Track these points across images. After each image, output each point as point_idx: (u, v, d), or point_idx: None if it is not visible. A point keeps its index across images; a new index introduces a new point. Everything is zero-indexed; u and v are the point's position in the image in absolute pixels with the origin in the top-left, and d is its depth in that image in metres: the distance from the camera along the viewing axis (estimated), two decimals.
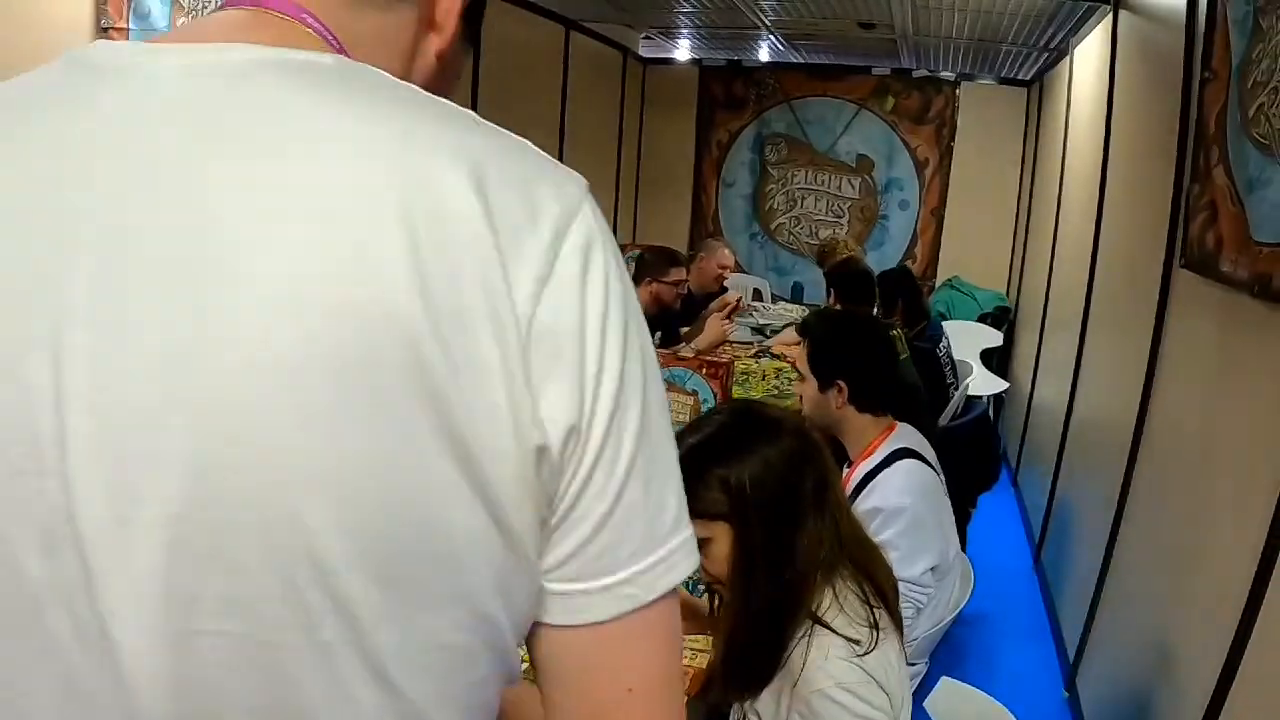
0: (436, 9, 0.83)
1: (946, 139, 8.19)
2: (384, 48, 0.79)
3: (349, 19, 0.76)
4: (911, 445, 2.69)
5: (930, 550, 2.55)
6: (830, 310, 3.07)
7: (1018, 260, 7.79)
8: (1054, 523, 4.90)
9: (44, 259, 0.62)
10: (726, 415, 1.83)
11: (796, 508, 1.68)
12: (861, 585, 1.72)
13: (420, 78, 0.83)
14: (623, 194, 8.86)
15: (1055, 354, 5.59)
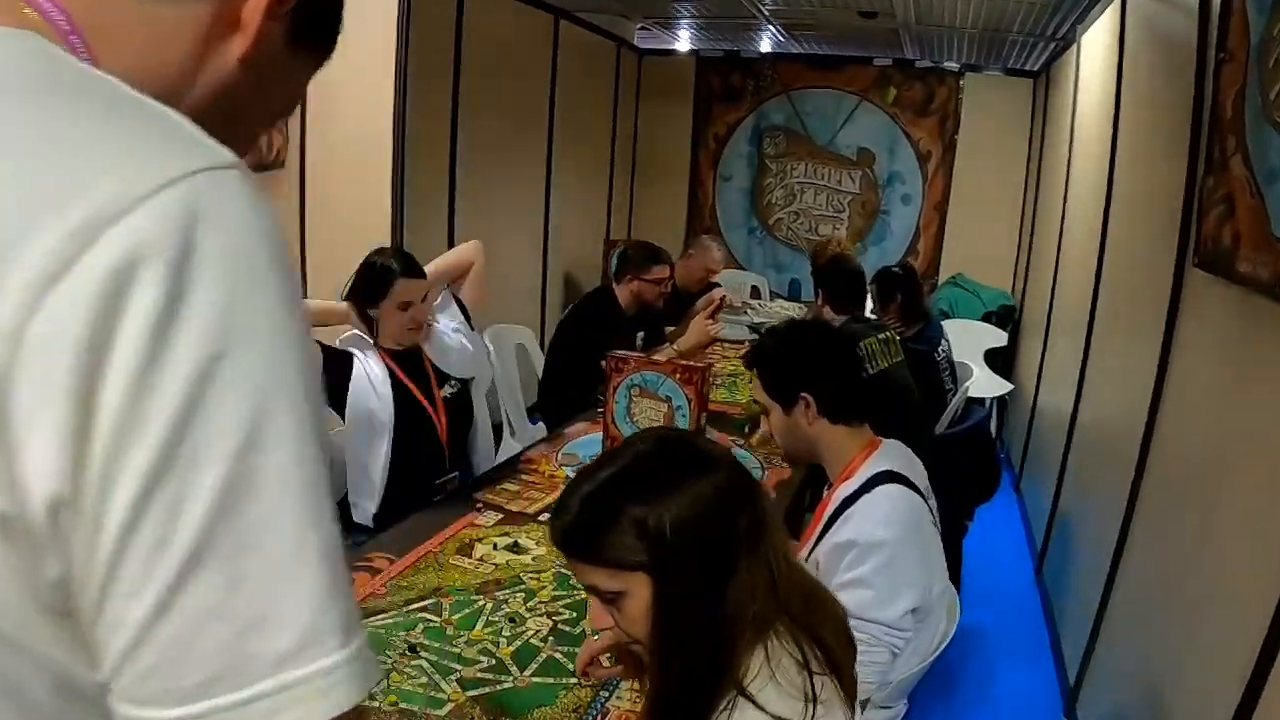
0: (243, 5, 0.77)
1: (950, 131, 8.01)
2: (153, 42, 0.74)
3: (110, 4, 0.71)
4: (896, 467, 2.45)
5: (911, 589, 2.29)
6: (772, 327, 2.82)
7: (1023, 257, 7.65)
8: (1057, 533, 4.74)
9: None
10: (647, 444, 1.56)
11: (727, 554, 1.43)
12: (801, 646, 1.46)
13: (211, 83, 0.78)
14: (617, 189, 8.75)
15: (1060, 356, 5.47)
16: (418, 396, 3.35)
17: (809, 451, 2.55)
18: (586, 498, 1.46)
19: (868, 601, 2.23)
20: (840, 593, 2.24)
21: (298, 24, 0.83)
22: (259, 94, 0.84)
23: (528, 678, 2.25)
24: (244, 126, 0.87)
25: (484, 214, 6.30)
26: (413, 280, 3.25)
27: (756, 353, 2.69)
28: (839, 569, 2.29)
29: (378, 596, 2.61)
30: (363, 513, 3.34)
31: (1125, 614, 3.28)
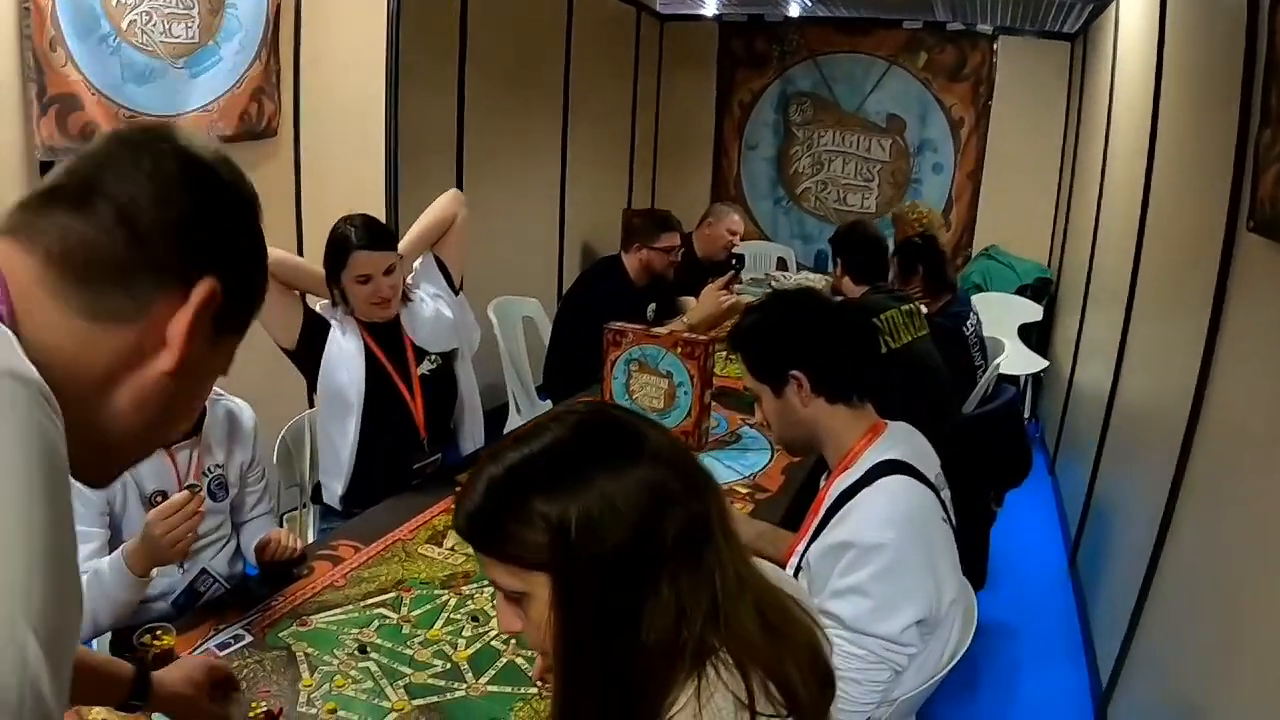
0: (166, 328, 0.89)
1: (984, 97, 7.67)
2: (76, 353, 0.85)
3: (46, 302, 0.84)
4: (903, 455, 2.15)
5: (915, 600, 2.00)
6: (752, 303, 2.53)
7: (1060, 229, 7.37)
8: (1093, 520, 4.49)
9: None
10: (568, 424, 1.26)
11: (646, 566, 1.16)
12: (749, 682, 1.16)
13: (137, 394, 0.89)
14: (639, 159, 8.51)
15: (1098, 331, 5.22)
16: (391, 374, 3.10)
17: (808, 438, 2.27)
18: (491, 483, 1.22)
19: (865, 612, 1.95)
20: (834, 601, 1.97)
21: (220, 324, 0.94)
22: (185, 391, 0.94)
23: (483, 685, 2.02)
24: (178, 413, 0.98)
25: (494, 183, 6.09)
26: (371, 252, 2.96)
27: (736, 332, 2.39)
28: (833, 573, 2.00)
29: (335, 589, 2.40)
30: (330, 493, 3.13)
31: (1165, 611, 3.04)
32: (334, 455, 3.10)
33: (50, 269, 0.85)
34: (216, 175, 0.95)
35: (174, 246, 0.89)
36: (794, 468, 3.22)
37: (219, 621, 2.21)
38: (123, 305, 0.87)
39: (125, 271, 0.87)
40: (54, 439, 0.72)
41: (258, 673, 2.01)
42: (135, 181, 0.89)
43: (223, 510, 2.58)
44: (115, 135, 0.94)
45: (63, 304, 0.84)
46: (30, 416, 0.70)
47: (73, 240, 0.86)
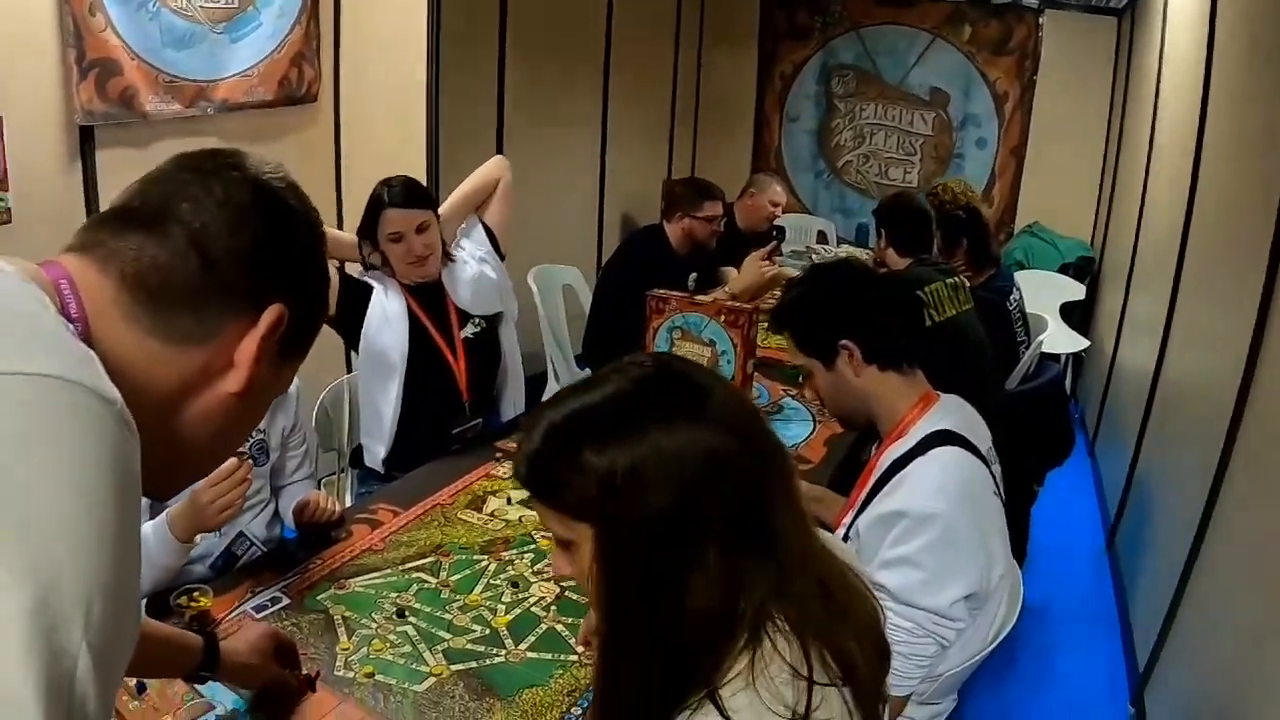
0: (234, 351, 0.92)
1: (1029, 72, 7.52)
2: (147, 371, 0.87)
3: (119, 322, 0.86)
4: (955, 426, 2.12)
5: (966, 573, 1.97)
6: (793, 279, 2.49)
7: (1104, 206, 7.24)
8: (1133, 502, 4.43)
9: None
10: (631, 376, 1.23)
11: (691, 533, 1.13)
12: (806, 650, 1.14)
13: (203, 412, 0.92)
14: (679, 131, 8.39)
15: (1143, 311, 5.14)
16: (434, 337, 3.09)
17: (861, 407, 2.24)
18: (549, 428, 1.20)
19: (914, 584, 1.92)
20: (883, 571, 1.94)
21: (286, 345, 0.97)
22: (249, 410, 0.98)
23: (522, 651, 2.01)
24: (236, 433, 1.01)
25: (534, 153, 6.04)
26: (401, 210, 2.95)
27: (781, 310, 2.36)
28: (884, 543, 1.97)
29: (374, 552, 2.40)
30: (373, 456, 3.12)
31: (1206, 596, 2.98)
32: (376, 417, 3.09)
33: (124, 290, 0.87)
34: (285, 203, 0.97)
35: (245, 273, 0.91)
36: (836, 440, 3.20)
37: (256, 584, 2.22)
38: (194, 328, 0.89)
39: (197, 296, 0.89)
40: (131, 458, 0.73)
41: (295, 635, 2.01)
42: (208, 208, 0.91)
43: (262, 474, 2.59)
44: (185, 161, 0.96)
45: (135, 324, 0.87)
46: (111, 435, 0.71)
47: (146, 263, 0.87)
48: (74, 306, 0.84)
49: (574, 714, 1.81)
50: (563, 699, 1.85)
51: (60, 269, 0.86)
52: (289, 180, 0.99)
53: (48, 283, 0.84)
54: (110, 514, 0.68)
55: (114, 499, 0.69)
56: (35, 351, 0.71)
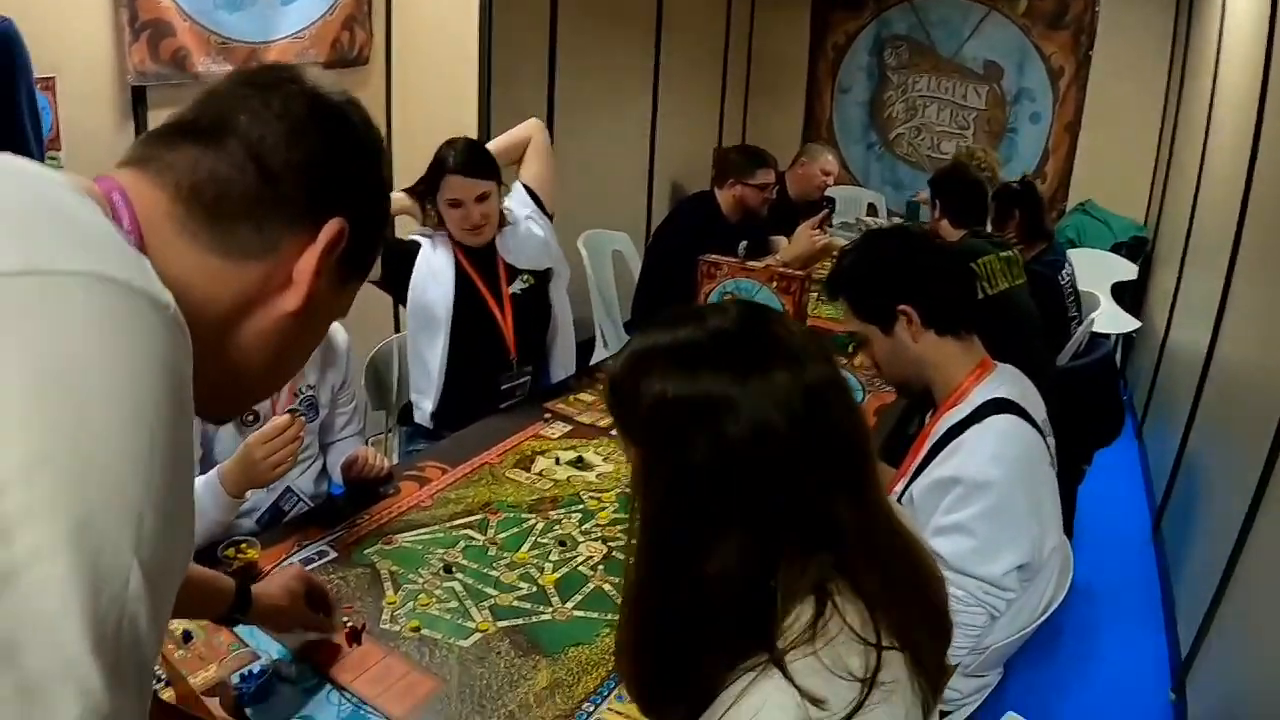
0: (293, 267, 0.90)
1: (1085, 47, 7.37)
2: (203, 287, 0.85)
3: (173, 236, 0.84)
4: (1012, 395, 2.10)
5: (1019, 543, 1.95)
6: (846, 246, 2.46)
7: (1159, 185, 7.11)
8: (1180, 487, 4.36)
9: None
10: (732, 316, 1.22)
11: (720, 499, 1.13)
12: (873, 616, 1.13)
13: (260, 330, 0.90)
14: (730, 101, 8.33)
15: (1196, 293, 5.04)
16: (482, 291, 3.09)
17: (918, 374, 2.22)
18: (631, 353, 1.24)
19: (967, 552, 1.91)
20: (936, 538, 1.93)
21: (345, 267, 0.95)
22: (307, 331, 0.96)
23: (569, 610, 2.02)
24: (296, 354, 1.00)
25: (586, 117, 6.04)
26: (464, 178, 2.95)
27: (836, 276, 2.32)
28: (938, 510, 1.96)
29: (422, 509, 2.41)
30: (421, 411, 3.15)
31: (1254, 584, 2.94)
32: (425, 372, 3.11)
33: (179, 203, 0.85)
34: (346, 117, 0.95)
35: (304, 186, 0.89)
36: (886, 409, 3.18)
37: (303, 538, 2.24)
38: (251, 242, 0.87)
39: (255, 209, 0.87)
40: (182, 365, 0.71)
41: (341, 589, 2.03)
42: (265, 121, 0.88)
43: (311, 430, 2.60)
44: (242, 76, 0.94)
45: (190, 238, 0.85)
46: (161, 338, 0.69)
47: (203, 175, 0.86)
48: (126, 219, 0.82)
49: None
50: (608, 657, 1.85)
51: (112, 182, 0.84)
52: (349, 96, 0.97)
53: (100, 195, 0.82)
54: (160, 421, 0.66)
55: (165, 404, 0.67)
56: (81, 250, 0.69)
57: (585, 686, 1.77)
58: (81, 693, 0.57)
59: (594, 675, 1.81)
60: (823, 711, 1.06)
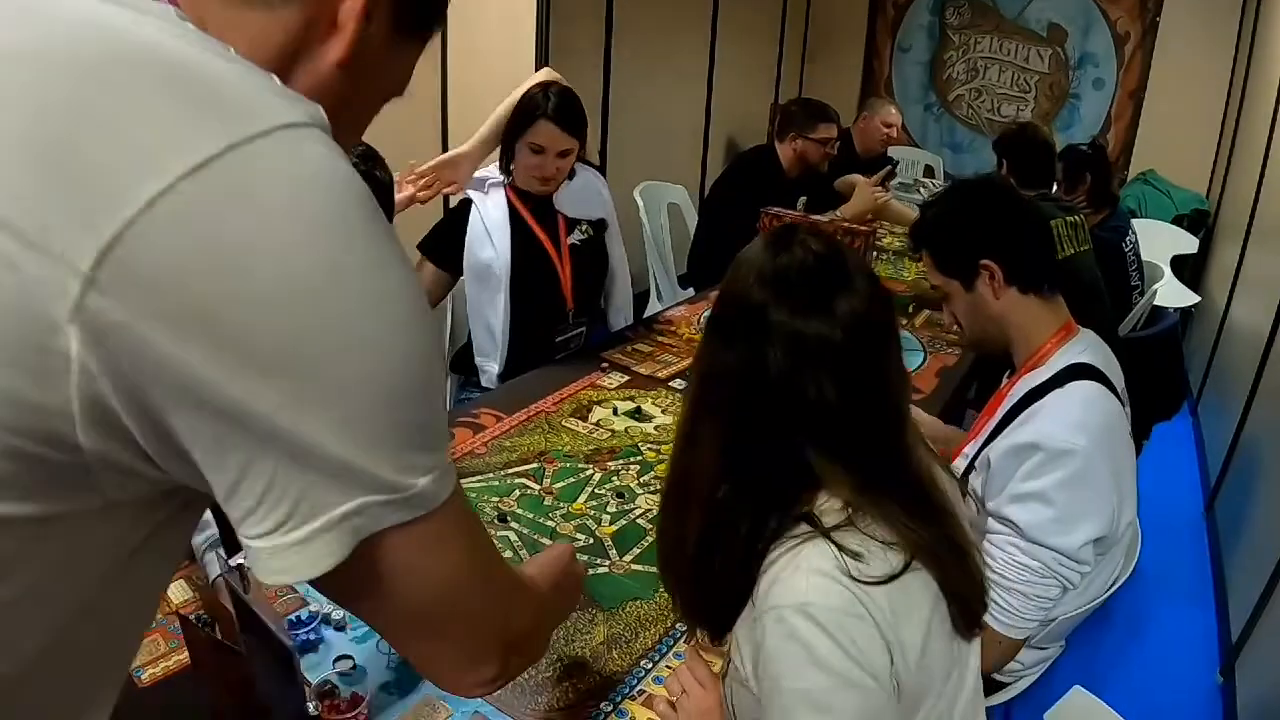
0: (338, 8, 0.78)
1: (1152, 12, 7.20)
2: (248, 40, 0.74)
3: (219, 11, 0.75)
4: (1095, 361, 2.03)
5: (1098, 515, 1.89)
6: (933, 196, 2.40)
7: (1223, 158, 6.95)
8: (1236, 467, 4.28)
9: None
10: (812, 249, 1.33)
11: (781, 402, 1.25)
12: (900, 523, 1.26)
13: (307, 86, 0.79)
14: (788, 56, 8.24)
15: (1260, 269, 4.95)
16: (542, 240, 3.03)
17: (999, 333, 2.15)
18: (744, 265, 1.36)
19: (1045, 521, 1.85)
20: (1012, 506, 1.88)
21: (400, 15, 0.83)
22: (361, 90, 0.85)
23: (626, 564, 1.99)
24: (346, 123, 0.82)
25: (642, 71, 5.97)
26: (556, 128, 2.85)
27: (920, 227, 2.26)
28: (1015, 475, 1.90)
29: (476, 456, 2.38)
30: (488, 375, 3.07)
31: None
32: (488, 334, 3.03)
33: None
34: None
35: None
36: (948, 371, 3.13)
37: None
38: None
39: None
40: (359, 184, 0.66)
41: None
42: None
43: None
44: None
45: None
46: (340, 171, 0.65)
47: None
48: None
49: (679, 630, 1.78)
50: (668, 613, 1.82)
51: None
52: None
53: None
54: (396, 272, 0.67)
55: (396, 257, 0.67)
56: (242, 106, 0.63)
57: (644, 642, 1.75)
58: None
59: (652, 631, 1.78)
60: (860, 564, 1.19)
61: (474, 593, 0.80)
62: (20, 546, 0.64)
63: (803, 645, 1.18)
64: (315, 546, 0.65)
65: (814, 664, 1.18)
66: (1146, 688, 3.31)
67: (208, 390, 0.60)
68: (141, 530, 0.71)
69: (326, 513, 0.65)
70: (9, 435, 0.59)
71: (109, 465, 0.63)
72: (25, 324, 0.57)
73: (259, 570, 0.67)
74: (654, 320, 3.41)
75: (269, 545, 0.65)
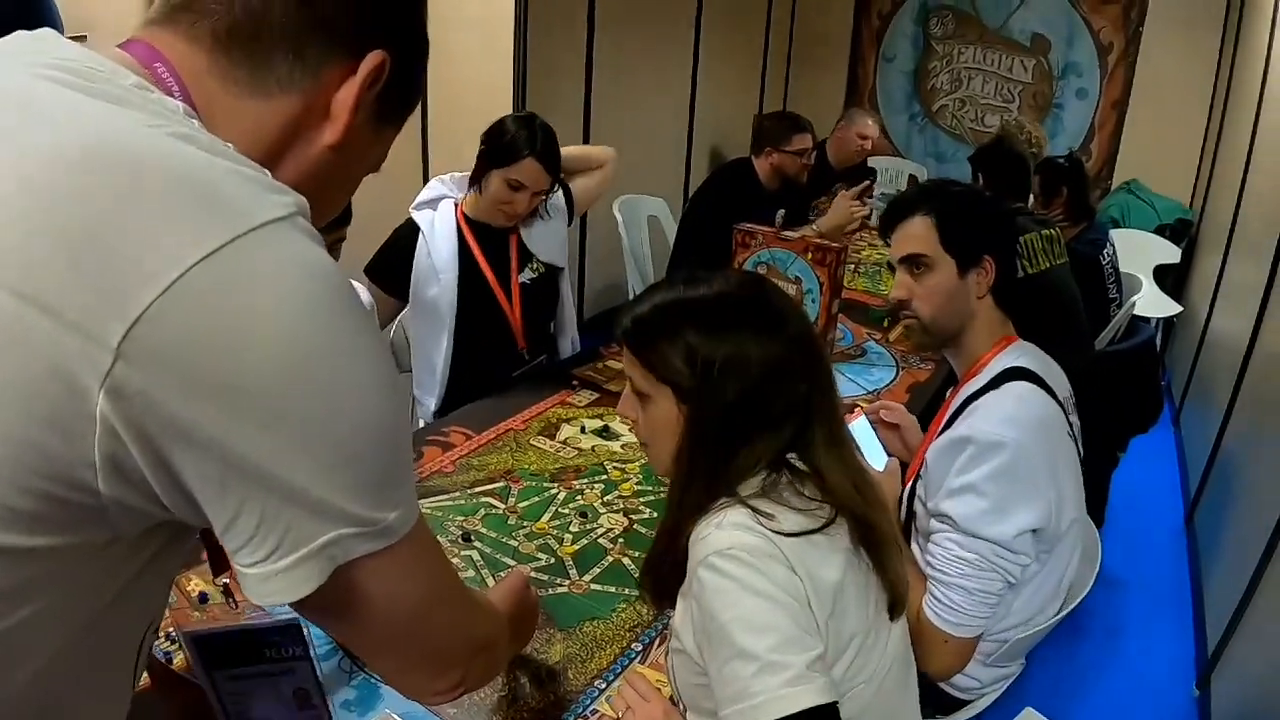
0: (332, 99, 0.90)
1: (1135, 22, 7.22)
2: (244, 132, 0.85)
3: (217, 92, 0.86)
4: (1032, 366, 2.04)
5: (1032, 505, 1.88)
6: (943, 180, 2.39)
7: (1205, 167, 6.97)
8: (1216, 477, 4.27)
9: None
10: (734, 283, 1.55)
11: (752, 418, 1.44)
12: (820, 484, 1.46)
13: (299, 166, 0.91)
14: (772, 65, 8.24)
15: (1241, 278, 4.93)
16: (489, 280, 2.99)
17: (956, 327, 2.13)
18: (660, 304, 1.51)
19: (978, 513, 1.84)
20: (948, 500, 1.89)
21: (384, 104, 0.95)
22: (346, 169, 0.97)
23: (585, 583, 1.99)
24: (330, 197, 0.99)
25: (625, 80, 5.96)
26: (538, 166, 2.83)
27: (937, 195, 2.20)
28: (950, 470, 1.90)
29: (444, 474, 2.39)
30: (424, 409, 3.05)
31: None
32: (428, 369, 3.01)
33: (218, 52, 0.85)
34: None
35: (346, 11, 0.89)
36: (919, 387, 3.13)
37: None
38: (291, 72, 0.87)
39: (294, 35, 0.86)
40: (332, 269, 0.77)
41: None
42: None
43: None
44: None
45: (234, 87, 0.86)
46: (322, 260, 0.76)
47: (239, 11, 0.85)
48: (177, 90, 0.83)
49: (635, 649, 1.78)
50: (624, 633, 1.82)
51: (147, 50, 0.85)
52: None
53: (142, 71, 0.82)
54: (376, 354, 0.80)
55: (367, 337, 0.79)
56: (233, 205, 0.73)
57: (599, 662, 1.74)
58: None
59: (608, 651, 1.78)
60: (773, 522, 1.36)
61: (436, 610, 0.91)
62: (31, 574, 0.74)
63: (732, 579, 1.33)
64: (298, 573, 0.76)
65: (744, 591, 1.32)
66: (1123, 700, 3.31)
67: (213, 442, 0.70)
68: (142, 556, 0.81)
69: (308, 544, 0.76)
70: (38, 479, 0.69)
71: (123, 506, 0.73)
72: (58, 389, 0.67)
73: (251, 593, 0.78)
74: None
75: (260, 572, 0.76)
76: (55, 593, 0.76)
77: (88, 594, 0.79)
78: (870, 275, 4.42)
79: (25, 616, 0.75)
